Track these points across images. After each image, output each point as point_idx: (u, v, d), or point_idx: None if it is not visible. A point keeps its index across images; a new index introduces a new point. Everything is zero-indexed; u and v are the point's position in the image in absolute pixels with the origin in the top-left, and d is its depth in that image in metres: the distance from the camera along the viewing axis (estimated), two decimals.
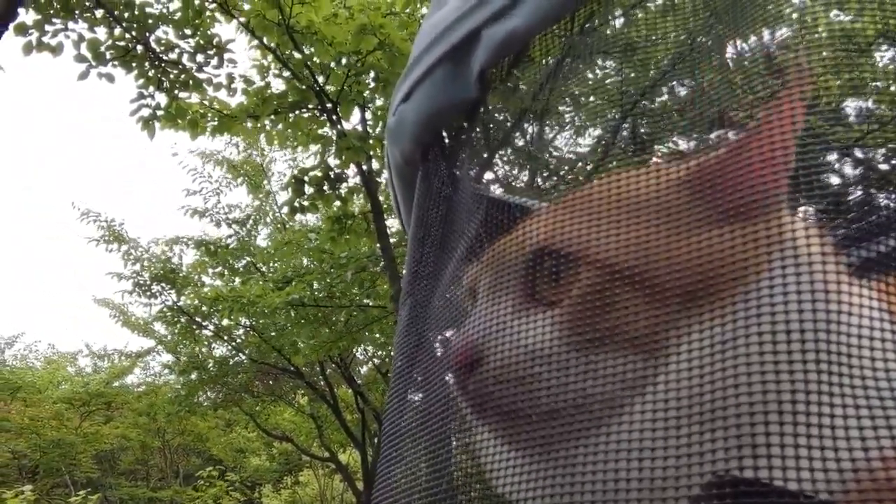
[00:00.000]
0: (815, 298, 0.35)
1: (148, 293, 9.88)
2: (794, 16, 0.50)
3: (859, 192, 0.49)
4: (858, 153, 0.49)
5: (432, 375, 0.48)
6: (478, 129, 0.58)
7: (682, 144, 0.53)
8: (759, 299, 0.35)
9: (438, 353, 0.50)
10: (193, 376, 11.11)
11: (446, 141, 0.59)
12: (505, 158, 0.66)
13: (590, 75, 0.64)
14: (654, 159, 0.48)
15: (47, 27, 5.28)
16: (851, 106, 0.49)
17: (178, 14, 5.67)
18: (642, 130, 0.59)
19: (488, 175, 0.62)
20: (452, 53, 0.54)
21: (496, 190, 0.56)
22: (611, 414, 0.37)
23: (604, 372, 0.38)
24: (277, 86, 6.33)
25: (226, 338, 10.73)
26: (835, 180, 0.48)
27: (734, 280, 0.36)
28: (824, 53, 0.47)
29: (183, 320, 10.21)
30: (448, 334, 0.51)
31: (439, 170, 0.58)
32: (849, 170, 0.49)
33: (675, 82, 0.57)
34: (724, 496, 0.32)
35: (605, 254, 0.40)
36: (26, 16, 5.14)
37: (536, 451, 0.39)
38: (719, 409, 0.34)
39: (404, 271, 0.58)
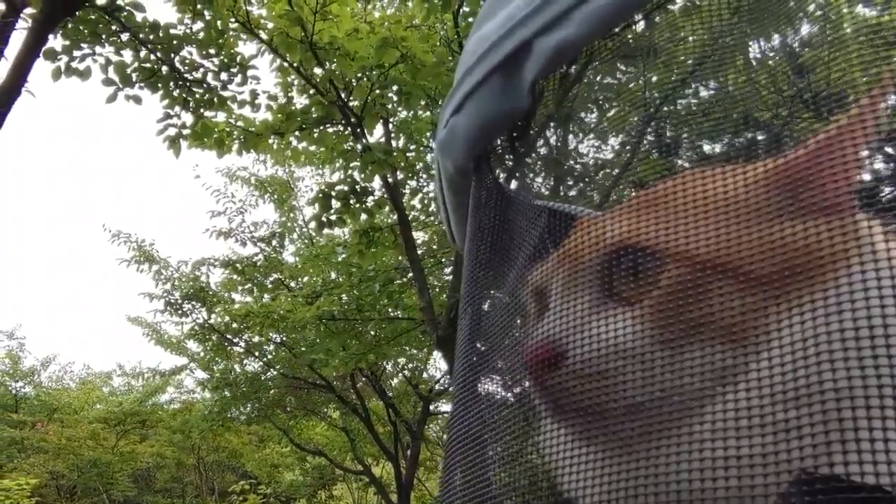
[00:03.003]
0: None
1: (179, 311, 9.99)
2: (818, 13, 0.50)
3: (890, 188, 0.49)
4: (889, 149, 0.48)
5: (496, 384, 0.49)
6: (531, 140, 0.59)
7: (708, 148, 0.53)
8: (848, 293, 0.35)
9: (501, 363, 0.50)
10: (226, 392, 11.20)
11: (499, 151, 0.60)
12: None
13: (613, 80, 0.64)
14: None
15: (75, 52, 5.37)
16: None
17: (202, 34, 5.74)
18: (668, 134, 0.59)
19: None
20: (504, 64, 0.54)
21: (563, 205, 0.56)
22: (696, 408, 0.37)
23: (690, 365, 0.38)
24: (301, 102, 6.39)
25: (257, 354, 10.80)
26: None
27: (823, 273, 0.36)
28: (851, 48, 0.47)
29: (214, 337, 10.30)
30: (516, 335, 0.52)
31: (493, 180, 0.58)
32: (880, 165, 0.48)
33: (699, 84, 0.57)
34: (814, 492, 0.32)
35: (692, 248, 0.40)
36: (55, 41, 5.23)
37: (619, 448, 0.39)
38: (805, 404, 0.33)
39: (462, 281, 0.58)
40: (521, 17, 0.53)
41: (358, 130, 6.14)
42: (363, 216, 6.58)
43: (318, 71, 5.94)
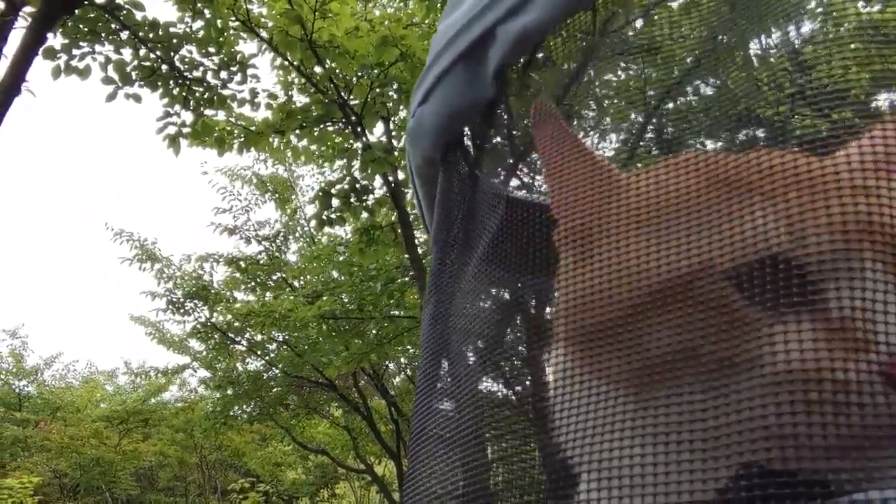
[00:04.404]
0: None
1: (181, 310, 9.99)
2: (819, 9, 0.49)
3: None
4: None
5: (460, 375, 0.48)
6: (496, 130, 0.58)
7: (709, 144, 0.52)
8: None
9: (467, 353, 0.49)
10: (229, 391, 11.20)
11: (466, 141, 0.59)
12: (531, 163, 0.65)
13: (613, 77, 0.63)
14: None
15: (75, 51, 5.36)
16: (882, 98, 0.48)
17: (202, 32, 5.73)
18: (669, 130, 0.58)
19: (514, 182, 0.62)
20: (468, 53, 0.53)
21: (520, 193, 0.55)
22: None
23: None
24: (301, 100, 6.39)
25: (259, 352, 10.80)
26: None
27: None
28: (852, 46, 0.46)
29: (216, 336, 10.31)
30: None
31: (460, 170, 0.57)
32: None
33: (698, 81, 0.56)
34: (751, 485, 0.31)
35: None
36: (54, 40, 5.23)
37: None
38: (746, 398, 0.32)
39: (429, 271, 0.57)
40: (486, 3, 0.52)
41: (358, 129, 6.13)
42: (364, 214, 6.57)
43: (318, 69, 5.94)
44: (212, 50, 5.84)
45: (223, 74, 5.98)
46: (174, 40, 5.67)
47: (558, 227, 0.46)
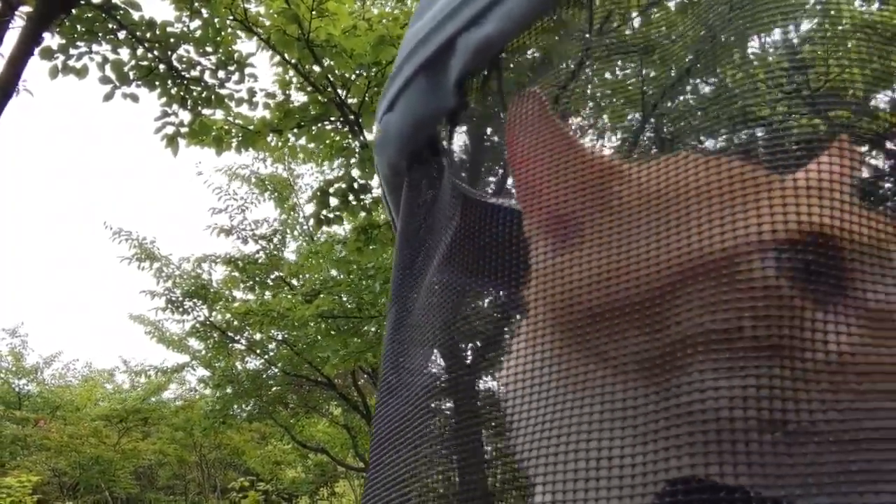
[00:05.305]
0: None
1: (180, 309, 9.99)
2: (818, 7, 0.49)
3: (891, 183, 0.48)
4: (890, 144, 0.48)
5: (412, 383, 0.48)
6: (461, 138, 0.58)
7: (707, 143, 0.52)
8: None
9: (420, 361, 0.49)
10: (228, 390, 11.21)
11: (430, 149, 0.59)
12: (495, 171, 0.65)
13: (609, 76, 0.63)
14: None
15: (72, 51, 5.36)
16: (880, 97, 0.48)
17: (199, 32, 5.73)
18: (667, 129, 0.58)
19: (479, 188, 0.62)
20: (430, 63, 0.54)
21: (481, 195, 0.55)
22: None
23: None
24: (299, 99, 6.39)
25: (258, 351, 10.81)
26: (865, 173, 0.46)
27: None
28: (849, 44, 0.46)
29: (215, 335, 10.31)
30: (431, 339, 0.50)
31: (424, 179, 0.58)
32: (880, 161, 0.47)
33: (696, 80, 0.56)
34: (676, 493, 0.32)
35: None
36: (52, 40, 5.23)
37: None
38: (674, 415, 0.33)
39: (391, 278, 0.58)
40: (445, 14, 0.52)
41: (356, 128, 6.13)
42: (362, 213, 6.57)
43: (315, 68, 5.93)
44: (209, 49, 5.84)
45: (221, 74, 5.97)
46: (171, 40, 5.67)
47: (532, 216, 0.46)
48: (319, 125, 6.31)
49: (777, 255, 0.34)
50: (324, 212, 6.34)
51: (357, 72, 5.94)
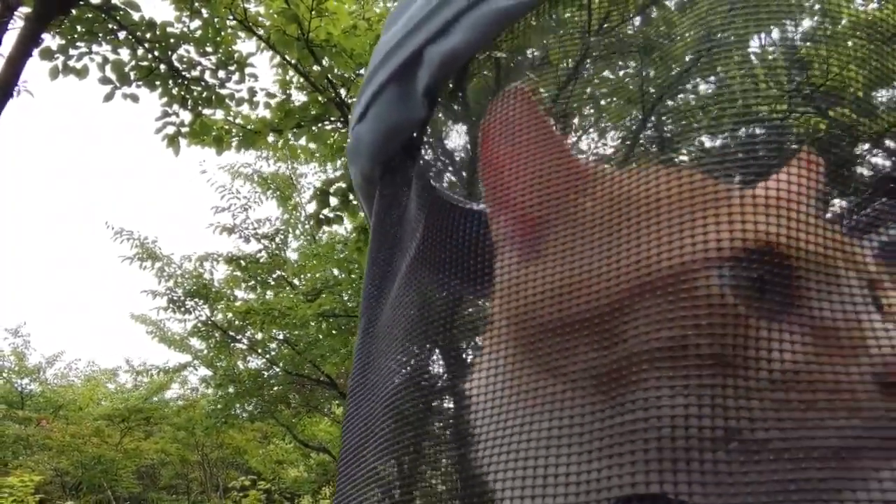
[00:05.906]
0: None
1: (182, 309, 9.99)
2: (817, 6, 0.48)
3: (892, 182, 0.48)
4: (890, 143, 0.47)
5: (376, 394, 0.48)
6: (430, 148, 0.58)
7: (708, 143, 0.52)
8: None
9: (389, 371, 0.49)
10: (230, 389, 11.20)
11: (400, 158, 0.59)
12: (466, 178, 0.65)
13: (610, 76, 0.63)
14: None
15: (72, 51, 5.37)
16: (880, 96, 0.48)
17: (199, 32, 5.74)
18: (667, 128, 0.58)
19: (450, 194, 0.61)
20: (399, 74, 0.54)
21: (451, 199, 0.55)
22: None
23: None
24: (299, 99, 6.39)
25: (260, 351, 10.80)
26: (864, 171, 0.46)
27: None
28: (849, 43, 0.46)
29: (217, 335, 10.31)
30: (413, 348, 0.50)
31: (396, 188, 0.57)
32: (879, 160, 0.47)
33: (696, 79, 0.56)
34: None
35: None
36: (52, 40, 5.24)
37: None
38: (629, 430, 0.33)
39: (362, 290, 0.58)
40: (415, 23, 0.52)
41: None
42: (362, 213, 6.56)
43: (315, 68, 5.93)
44: (209, 49, 5.84)
45: (221, 73, 5.98)
46: (172, 40, 5.67)
47: (499, 221, 0.46)
48: (319, 125, 6.31)
49: (724, 271, 0.35)
50: (324, 211, 6.34)
51: (357, 72, 5.93)
